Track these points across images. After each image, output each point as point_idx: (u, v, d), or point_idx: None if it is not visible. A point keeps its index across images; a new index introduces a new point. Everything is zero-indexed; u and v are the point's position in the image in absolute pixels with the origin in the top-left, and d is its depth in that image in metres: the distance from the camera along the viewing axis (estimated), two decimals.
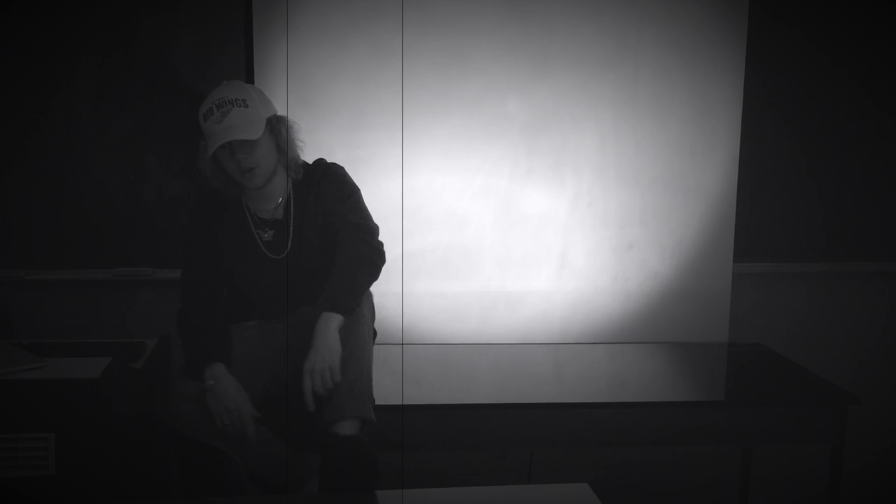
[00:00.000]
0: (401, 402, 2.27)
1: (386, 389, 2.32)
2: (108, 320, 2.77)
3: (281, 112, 2.29)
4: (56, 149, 2.68)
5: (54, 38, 2.63)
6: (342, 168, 2.36)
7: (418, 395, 2.37)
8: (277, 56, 2.67)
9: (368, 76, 2.71)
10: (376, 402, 2.19)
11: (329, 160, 2.38)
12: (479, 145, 2.79)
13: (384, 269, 2.27)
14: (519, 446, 2.44)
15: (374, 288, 2.44)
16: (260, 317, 2.33)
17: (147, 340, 2.55)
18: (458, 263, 2.82)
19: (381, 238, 2.32)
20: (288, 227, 2.30)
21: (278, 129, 2.24)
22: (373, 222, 2.33)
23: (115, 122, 2.69)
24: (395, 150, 2.67)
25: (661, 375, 2.78)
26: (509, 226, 2.83)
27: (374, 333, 2.34)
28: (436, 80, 2.74)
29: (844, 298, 3.06)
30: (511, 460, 2.72)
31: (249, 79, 2.66)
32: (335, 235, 2.27)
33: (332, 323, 2.10)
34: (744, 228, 2.90)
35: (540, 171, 2.82)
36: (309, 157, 2.35)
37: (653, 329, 2.90)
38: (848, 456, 2.43)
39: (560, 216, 2.84)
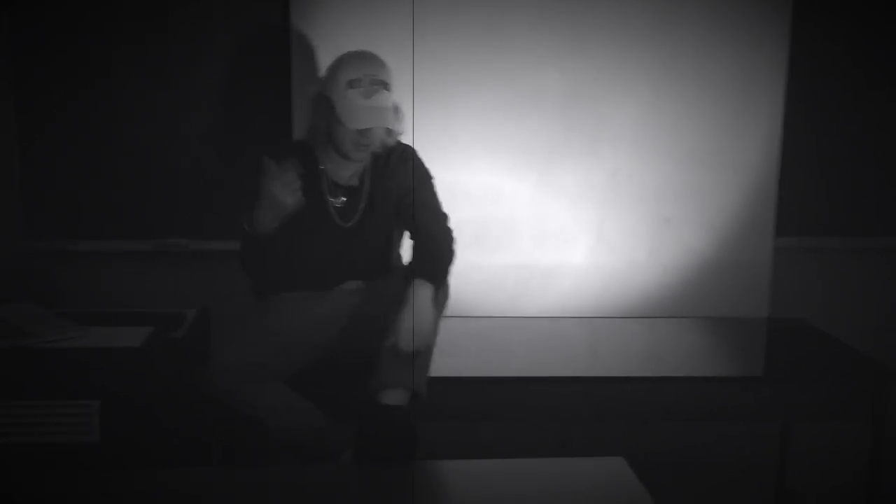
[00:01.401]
0: (436, 375, 2.29)
1: None
2: (149, 290, 2.81)
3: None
4: (98, 120, 2.72)
5: (94, 11, 2.66)
6: (416, 151, 2.40)
7: (453, 368, 2.38)
8: (315, 30, 2.66)
9: (404, 49, 2.69)
10: None
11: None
12: (515, 118, 2.77)
13: None
14: (554, 420, 2.43)
15: None
16: (309, 286, 2.34)
17: (187, 311, 2.59)
18: (494, 237, 2.81)
19: None
20: (359, 195, 2.31)
21: (397, 116, 2.30)
22: (442, 210, 2.37)
23: (155, 92, 2.72)
24: (430, 123, 2.66)
25: (698, 350, 2.76)
26: (545, 199, 2.82)
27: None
28: (472, 52, 2.72)
29: (888, 273, 3.01)
30: (546, 434, 2.73)
31: (287, 48, 2.66)
32: (412, 216, 2.31)
33: (427, 290, 2.14)
34: (785, 203, 2.85)
35: (576, 145, 2.80)
36: None
37: (690, 304, 2.87)
38: (890, 433, 2.39)
39: (596, 190, 2.82)
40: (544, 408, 2.36)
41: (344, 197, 2.33)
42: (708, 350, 2.79)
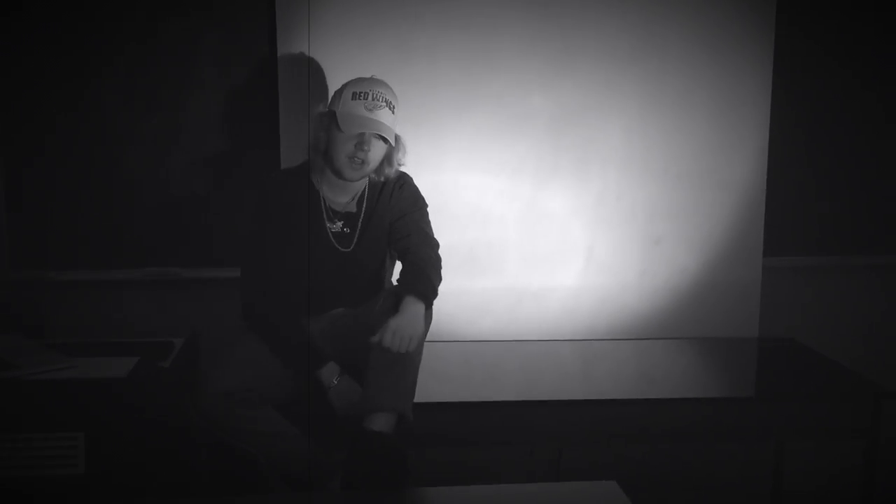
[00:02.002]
0: (427, 400, 2.27)
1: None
2: (136, 320, 2.79)
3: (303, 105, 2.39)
4: (85, 149, 2.71)
5: (83, 37, 2.65)
6: (412, 179, 2.43)
7: (445, 392, 2.37)
8: (301, 54, 2.67)
9: (392, 73, 2.69)
10: None
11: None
12: (504, 141, 2.77)
13: None
14: (547, 443, 2.42)
15: None
16: (303, 311, 2.33)
17: (175, 340, 2.56)
18: (484, 260, 2.80)
19: None
20: (357, 221, 2.33)
21: (398, 145, 2.34)
22: (434, 238, 2.39)
23: (143, 121, 2.71)
24: (419, 146, 2.66)
25: (691, 371, 2.75)
26: (535, 221, 2.81)
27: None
28: (460, 76, 2.73)
29: (877, 291, 3.02)
30: (539, 457, 2.71)
31: (274, 76, 2.67)
32: (404, 238, 2.34)
33: (419, 306, 2.15)
34: (774, 222, 2.86)
35: (565, 167, 2.80)
36: None
37: (681, 324, 2.87)
38: (883, 451, 2.39)
39: (586, 211, 2.82)
40: (537, 432, 2.35)
41: (341, 222, 2.32)
42: (700, 371, 2.78)
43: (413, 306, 2.14)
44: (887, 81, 2.87)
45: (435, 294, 2.26)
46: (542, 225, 2.82)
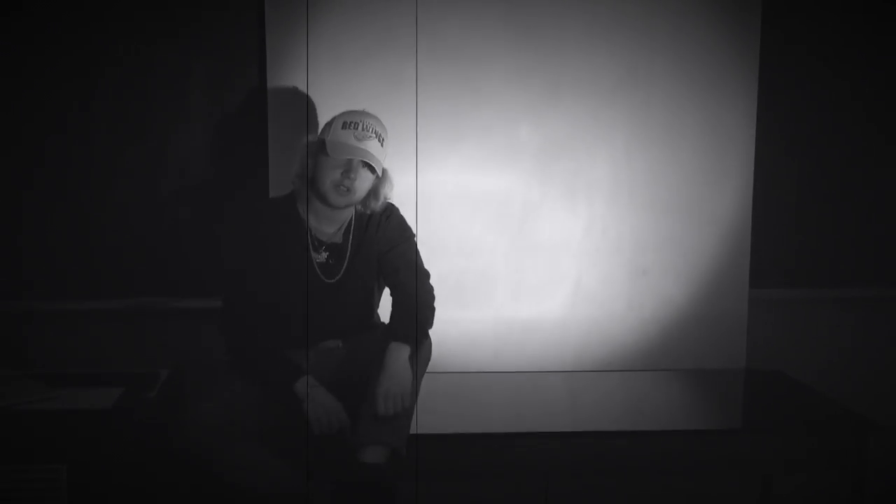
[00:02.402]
0: (416, 432, 2.26)
1: None
2: (121, 351, 2.77)
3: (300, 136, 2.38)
4: (71, 179, 2.70)
5: (70, 65, 2.66)
6: (399, 211, 2.44)
7: (432, 424, 2.35)
8: (291, 84, 2.69)
9: (380, 104, 2.71)
10: None
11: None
12: (491, 172, 2.79)
13: None
14: (535, 475, 2.41)
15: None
16: (290, 344, 2.30)
17: (160, 370, 2.54)
18: (471, 291, 2.81)
19: None
20: (344, 251, 2.32)
21: (386, 175, 2.36)
22: (424, 267, 2.40)
23: (131, 151, 2.71)
24: (408, 179, 2.67)
25: (678, 403, 2.75)
26: (523, 253, 2.82)
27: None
28: (448, 108, 2.75)
29: (863, 323, 3.03)
30: (526, 489, 2.69)
31: (264, 106, 2.68)
32: (393, 272, 2.34)
33: (403, 353, 2.19)
34: (760, 254, 2.88)
35: (553, 198, 2.82)
36: None
37: (668, 356, 2.87)
38: (869, 483, 2.38)
39: (573, 243, 2.83)
40: (525, 463, 2.33)
41: (327, 253, 2.32)
42: (687, 403, 2.78)
43: (396, 354, 2.17)
44: (872, 118, 2.91)
45: (428, 325, 2.30)
46: (530, 256, 2.83)
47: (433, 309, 2.34)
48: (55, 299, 2.72)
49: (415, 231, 2.43)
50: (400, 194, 2.60)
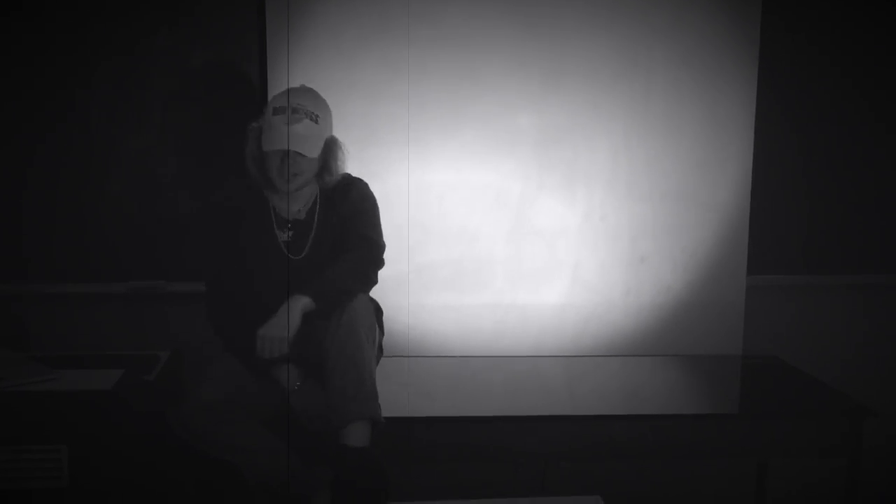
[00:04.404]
0: (413, 415, 2.27)
1: (397, 402, 2.32)
2: (122, 333, 2.78)
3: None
4: (71, 162, 2.71)
5: (70, 53, 2.67)
6: (366, 184, 2.42)
7: (430, 408, 2.37)
8: (291, 72, 2.69)
9: (379, 91, 2.73)
10: (388, 415, 2.18)
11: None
12: (490, 160, 2.80)
13: (395, 283, 2.26)
14: (532, 459, 2.42)
15: (386, 301, 2.46)
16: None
17: (160, 353, 2.56)
18: (469, 277, 2.82)
19: (390, 251, 2.36)
20: (309, 228, 2.32)
21: (332, 149, 2.33)
22: (381, 239, 2.37)
23: (130, 135, 2.72)
24: (406, 165, 2.69)
25: (675, 388, 2.76)
26: (521, 239, 2.83)
27: (381, 350, 2.35)
28: (447, 95, 2.76)
29: (859, 310, 3.04)
30: (524, 473, 2.71)
31: (264, 94, 2.69)
32: (344, 245, 2.31)
33: (297, 303, 2.15)
34: (757, 241, 2.89)
35: (551, 186, 2.83)
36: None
37: (666, 342, 2.88)
38: (864, 469, 2.40)
39: (572, 230, 2.84)
40: (522, 447, 2.35)
41: (292, 231, 2.33)
42: (683, 388, 2.80)
43: (294, 302, 2.14)
44: (872, 107, 2.92)
45: (337, 290, 2.20)
46: (528, 243, 2.84)
47: (367, 277, 2.29)
48: (57, 282, 2.73)
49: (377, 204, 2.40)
50: (400, 181, 2.62)
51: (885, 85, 2.91)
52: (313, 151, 2.26)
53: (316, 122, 2.26)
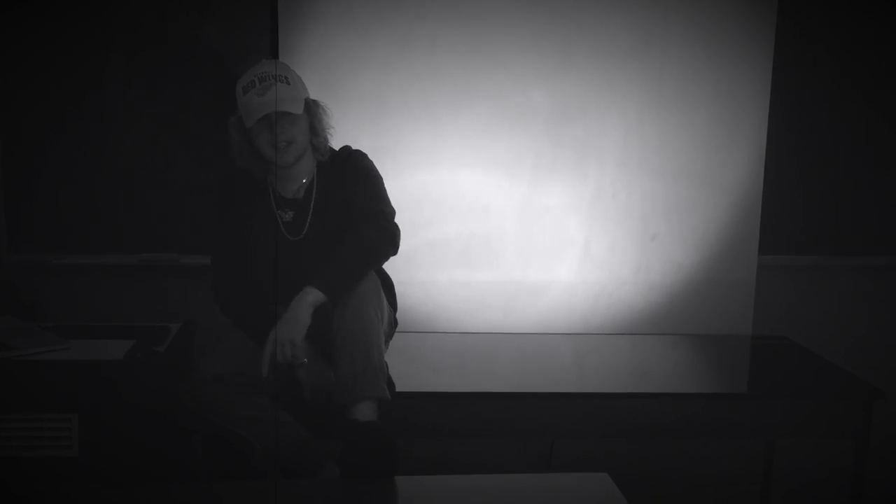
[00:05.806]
0: (422, 390, 2.28)
1: (408, 377, 2.32)
2: (133, 305, 2.79)
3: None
4: (84, 135, 2.71)
5: (84, 28, 2.66)
6: (366, 155, 2.38)
7: (440, 384, 2.37)
8: (303, 47, 2.68)
9: (392, 66, 2.71)
10: (397, 389, 2.19)
11: (354, 148, 2.39)
12: (502, 136, 2.79)
13: (406, 258, 2.24)
14: (540, 435, 2.43)
15: (397, 277, 2.45)
16: (277, 300, 2.32)
17: (171, 325, 2.57)
18: (480, 253, 2.81)
19: (401, 226, 2.30)
20: (307, 208, 2.31)
21: (314, 110, 2.29)
22: (389, 207, 2.31)
23: (143, 109, 2.72)
24: (418, 139, 2.68)
25: (684, 367, 2.76)
26: (532, 216, 2.83)
27: (394, 323, 2.35)
28: (460, 71, 2.74)
29: (870, 292, 3.03)
30: (532, 450, 2.72)
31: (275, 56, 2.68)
32: (351, 220, 2.27)
33: (307, 298, 2.10)
34: (769, 221, 2.87)
35: (563, 163, 2.81)
36: (334, 145, 2.37)
37: (676, 321, 2.88)
38: (872, 451, 2.40)
39: (583, 207, 2.83)
40: (530, 423, 2.35)
41: (292, 211, 2.32)
42: (693, 367, 2.80)
43: (299, 299, 2.09)
44: (886, 84, 2.89)
45: (349, 278, 2.15)
46: (540, 219, 2.83)
47: (381, 250, 2.22)
48: (70, 253, 2.74)
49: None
50: (411, 157, 2.60)
51: None
52: (296, 108, 2.22)
53: (287, 83, 2.22)
